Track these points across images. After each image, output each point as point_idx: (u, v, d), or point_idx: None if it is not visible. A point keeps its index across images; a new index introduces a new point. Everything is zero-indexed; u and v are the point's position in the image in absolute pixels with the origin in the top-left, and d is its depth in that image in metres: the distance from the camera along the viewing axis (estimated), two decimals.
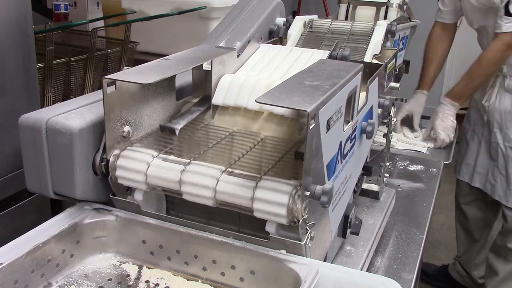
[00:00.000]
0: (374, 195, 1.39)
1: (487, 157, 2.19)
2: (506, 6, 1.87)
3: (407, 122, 2.29)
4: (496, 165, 2.14)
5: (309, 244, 0.88)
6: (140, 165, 0.94)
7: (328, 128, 0.87)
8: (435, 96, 4.88)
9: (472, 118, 2.26)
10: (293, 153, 0.97)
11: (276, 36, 1.51)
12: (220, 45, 1.34)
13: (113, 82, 0.92)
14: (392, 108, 1.31)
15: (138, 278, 0.95)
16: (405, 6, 1.79)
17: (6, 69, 1.33)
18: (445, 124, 2.03)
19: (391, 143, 1.88)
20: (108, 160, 0.96)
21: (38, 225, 0.94)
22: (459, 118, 2.10)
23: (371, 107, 1.19)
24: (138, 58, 2.35)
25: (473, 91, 2.14)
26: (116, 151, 0.96)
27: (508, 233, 2.16)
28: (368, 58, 1.40)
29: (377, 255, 1.25)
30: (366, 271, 1.13)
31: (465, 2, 2.06)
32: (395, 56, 1.45)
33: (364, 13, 1.74)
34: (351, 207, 1.12)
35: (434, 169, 1.81)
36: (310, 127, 0.79)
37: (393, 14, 1.73)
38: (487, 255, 2.33)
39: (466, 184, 2.30)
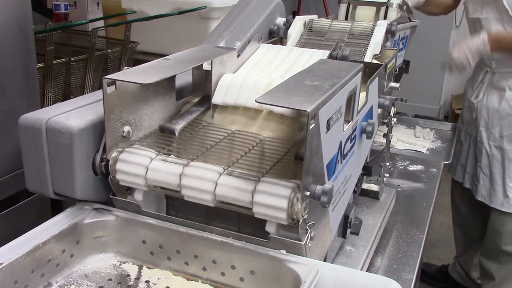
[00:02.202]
0: (374, 195, 1.39)
1: (474, 157, 2.17)
2: None
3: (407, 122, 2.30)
4: (480, 165, 2.11)
5: (309, 244, 0.88)
6: (140, 165, 0.94)
7: (328, 128, 0.87)
8: (435, 96, 4.92)
9: (465, 118, 2.24)
10: (292, 154, 0.97)
11: (276, 36, 1.51)
12: (220, 45, 1.34)
13: (113, 82, 0.92)
14: (392, 108, 1.31)
15: (138, 278, 0.94)
16: (405, 6, 1.79)
17: (6, 69, 1.33)
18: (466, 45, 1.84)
19: (391, 143, 1.88)
20: (108, 160, 0.96)
21: (38, 225, 0.94)
22: (455, 118, 2.07)
23: (371, 107, 1.19)
24: (138, 58, 2.35)
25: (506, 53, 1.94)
26: (116, 151, 0.96)
27: (496, 234, 2.14)
28: (368, 58, 1.40)
29: (377, 255, 1.25)
30: (366, 271, 1.13)
31: None
32: (395, 56, 1.45)
33: (364, 13, 1.74)
34: (351, 207, 1.12)
35: (434, 169, 1.81)
36: (310, 127, 0.79)
37: (393, 14, 1.73)
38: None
39: (460, 185, 2.29)
